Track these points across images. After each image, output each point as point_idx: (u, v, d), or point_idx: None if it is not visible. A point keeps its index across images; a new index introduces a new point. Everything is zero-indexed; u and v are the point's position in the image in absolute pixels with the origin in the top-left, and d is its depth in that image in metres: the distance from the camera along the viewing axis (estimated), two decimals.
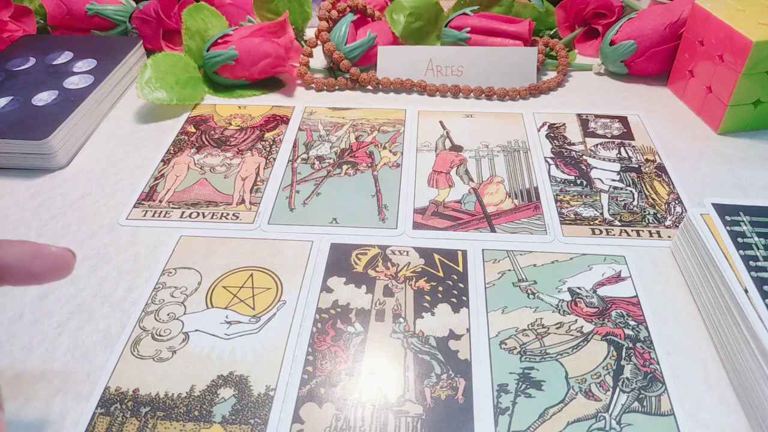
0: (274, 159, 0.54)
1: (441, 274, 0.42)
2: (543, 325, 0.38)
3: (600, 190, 0.50)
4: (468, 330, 0.38)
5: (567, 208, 0.48)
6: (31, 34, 0.68)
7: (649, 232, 0.46)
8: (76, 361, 0.37)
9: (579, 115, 0.60)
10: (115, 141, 0.56)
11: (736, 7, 0.55)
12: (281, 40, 0.62)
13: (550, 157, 0.54)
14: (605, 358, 0.36)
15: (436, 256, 0.43)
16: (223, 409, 0.34)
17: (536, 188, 0.50)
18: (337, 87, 0.65)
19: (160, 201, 0.49)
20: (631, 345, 0.37)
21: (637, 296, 0.40)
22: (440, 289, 0.41)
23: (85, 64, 0.61)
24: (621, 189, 0.50)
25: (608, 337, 0.38)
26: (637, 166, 0.52)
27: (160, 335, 0.38)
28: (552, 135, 0.57)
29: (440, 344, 0.37)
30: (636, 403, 0.34)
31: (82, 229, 0.46)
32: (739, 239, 0.37)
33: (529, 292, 0.41)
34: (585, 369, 0.36)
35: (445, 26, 0.67)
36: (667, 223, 0.46)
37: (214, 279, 0.42)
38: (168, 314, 0.39)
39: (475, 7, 0.67)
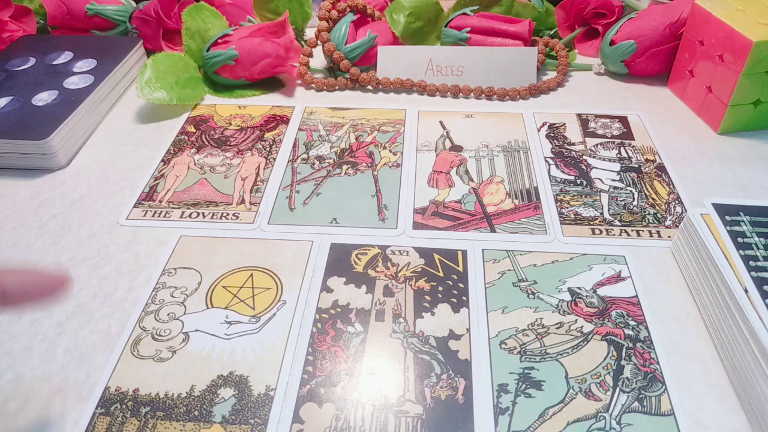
0: (274, 159, 0.54)
1: (441, 274, 0.42)
2: (543, 325, 0.38)
3: (600, 190, 0.50)
4: (468, 330, 0.38)
5: (567, 208, 0.48)
6: (31, 34, 0.68)
7: (649, 232, 0.46)
8: (76, 361, 0.37)
9: (579, 115, 0.60)
10: (115, 141, 0.56)
11: (736, 7, 0.55)
12: (281, 40, 0.62)
13: (550, 157, 0.54)
14: (605, 358, 0.36)
15: (436, 256, 0.43)
16: (223, 409, 0.34)
17: (536, 188, 0.50)
18: (337, 87, 0.65)
19: (160, 201, 0.49)
20: (631, 345, 0.37)
21: (637, 296, 0.40)
22: (440, 289, 0.41)
23: (85, 64, 0.61)
24: (621, 189, 0.50)
25: (608, 337, 0.38)
26: (637, 166, 0.52)
27: (160, 335, 0.38)
28: (552, 135, 0.57)
29: (440, 344, 0.37)
30: (636, 403, 0.34)
31: (82, 229, 0.46)
32: (739, 239, 0.37)
33: (529, 292, 0.41)
34: (585, 369, 0.36)
35: (445, 26, 0.67)
36: (667, 223, 0.46)
37: (214, 279, 0.42)
38: (168, 314, 0.39)
39: (475, 7, 0.67)
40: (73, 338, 0.38)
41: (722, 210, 0.39)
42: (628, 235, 0.45)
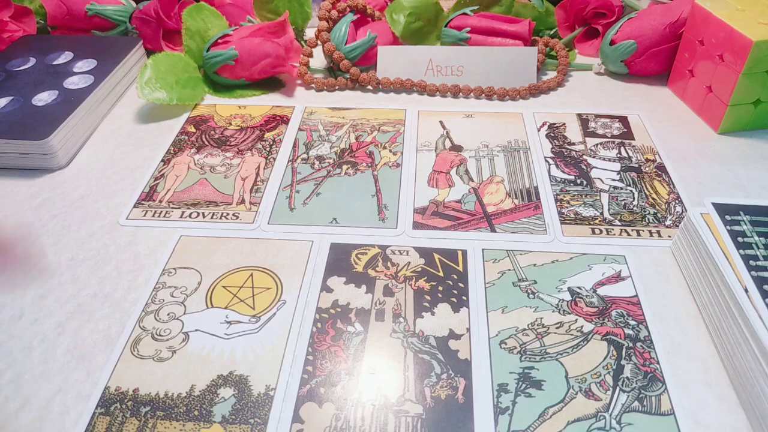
0: (274, 159, 0.54)
1: (441, 273, 0.42)
2: (543, 324, 0.38)
3: (600, 189, 0.50)
4: (468, 330, 0.38)
5: (567, 207, 0.48)
6: (31, 34, 0.68)
7: (649, 231, 0.46)
8: (76, 361, 0.37)
9: (579, 115, 0.60)
10: (115, 141, 0.56)
11: (736, 7, 0.55)
12: (281, 40, 0.62)
13: (550, 157, 0.54)
14: (605, 358, 0.36)
15: (436, 256, 0.43)
16: (223, 408, 0.34)
17: (536, 188, 0.50)
18: (337, 87, 0.65)
19: (160, 201, 0.49)
20: (631, 344, 0.37)
21: (637, 296, 0.40)
22: (440, 288, 0.41)
23: (85, 64, 0.61)
24: (621, 189, 0.50)
25: (608, 337, 0.38)
26: (637, 165, 0.52)
27: (160, 335, 0.38)
28: (552, 135, 0.57)
29: (440, 344, 0.37)
30: (636, 403, 0.34)
31: (82, 229, 0.46)
32: (739, 239, 0.37)
33: (529, 291, 0.41)
34: (585, 368, 0.36)
35: (445, 26, 0.67)
36: (667, 222, 0.46)
37: (214, 279, 0.42)
38: (168, 314, 0.39)
39: (475, 7, 0.67)
40: (73, 338, 0.38)
41: (722, 210, 0.39)
42: (628, 234, 0.45)
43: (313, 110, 0.61)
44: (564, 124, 0.58)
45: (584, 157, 0.54)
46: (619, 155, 0.54)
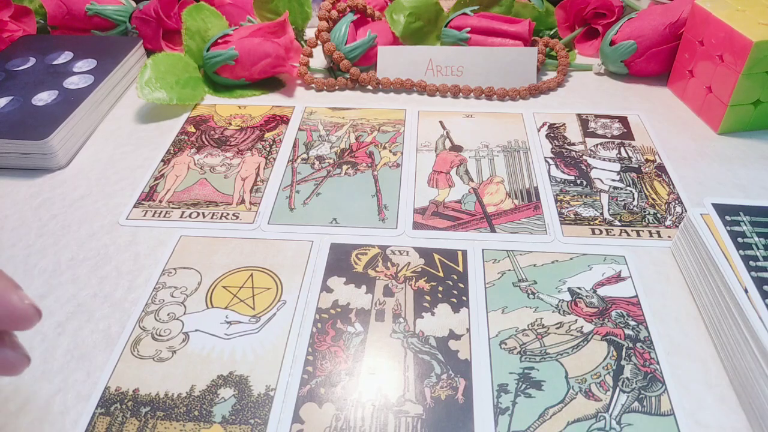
0: (274, 159, 0.54)
1: (441, 274, 0.42)
2: (543, 325, 0.38)
3: (600, 190, 0.50)
4: (468, 330, 0.38)
5: (567, 208, 0.48)
6: (31, 34, 0.68)
7: (649, 232, 0.46)
8: (76, 361, 0.37)
9: (579, 115, 0.60)
10: (115, 141, 0.56)
11: (736, 7, 0.55)
12: (281, 40, 0.62)
13: (550, 157, 0.54)
14: (605, 358, 0.36)
15: (436, 256, 0.43)
16: (223, 409, 0.34)
17: (536, 188, 0.50)
18: (337, 87, 0.65)
19: (160, 201, 0.49)
20: (631, 345, 0.37)
21: (637, 296, 0.40)
22: (440, 289, 0.41)
23: (85, 64, 0.61)
24: (621, 189, 0.50)
25: (608, 337, 0.38)
26: (637, 166, 0.52)
27: (160, 335, 0.38)
28: (552, 135, 0.57)
29: (440, 344, 0.37)
30: (636, 403, 0.34)
31: (82, 229, 0.46)
32: (739, 239, 0.37)
33: (529, 292, 0.41)
34: (585, 369, 0.36)
35: (445, 26, 0.67)
36: (667, 223, 0.46)
37: (214, 279, 0.42)
38: (168, 314, 0.39)
39: (475, 7, 0.67)
40: (73, 338, 0.38)
41: (722, 210, 0.39)
42: (628, 235, 0.45)
43: (313, 110, 0.61)
44: (564, 124, 0.58)
45: (584, 157, 0.54)
46: (618, 155, 0.54)
